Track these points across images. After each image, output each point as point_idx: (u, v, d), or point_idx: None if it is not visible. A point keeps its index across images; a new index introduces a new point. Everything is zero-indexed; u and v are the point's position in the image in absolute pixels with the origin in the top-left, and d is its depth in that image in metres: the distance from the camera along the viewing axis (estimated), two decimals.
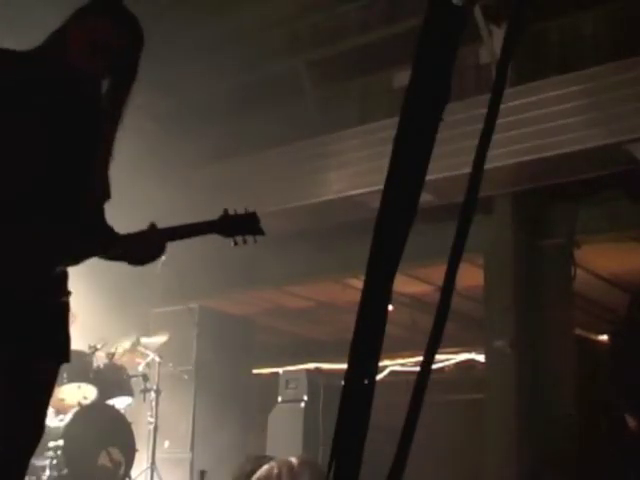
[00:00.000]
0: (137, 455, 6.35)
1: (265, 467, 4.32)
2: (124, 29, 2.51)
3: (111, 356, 6.57)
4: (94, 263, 2.48)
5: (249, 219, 2.64)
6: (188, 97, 8.20)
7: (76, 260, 2.41)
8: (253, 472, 4.33)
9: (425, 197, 6.41)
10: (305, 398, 7.49)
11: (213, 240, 2.67)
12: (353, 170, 7.55)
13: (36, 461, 5.94)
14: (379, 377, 1.82)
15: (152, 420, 6.89)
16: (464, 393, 9.83)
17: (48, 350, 2.38)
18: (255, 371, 9.86)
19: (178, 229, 2.51)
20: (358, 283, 7.72)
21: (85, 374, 6.13)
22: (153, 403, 6.91)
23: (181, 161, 8.21)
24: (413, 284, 8.51)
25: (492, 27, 7.11)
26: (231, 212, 2.64)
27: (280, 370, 8.19)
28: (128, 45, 2.51)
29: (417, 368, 1.72)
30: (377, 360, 1.73)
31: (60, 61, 2.45)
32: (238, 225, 2.62)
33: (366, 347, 1.72)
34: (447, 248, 1.73)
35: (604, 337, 9.06)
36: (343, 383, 1.73)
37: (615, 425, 4.78)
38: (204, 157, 8.36)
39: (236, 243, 2.61)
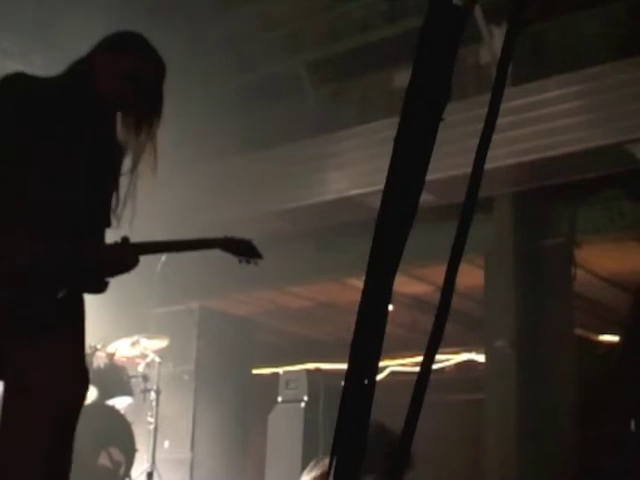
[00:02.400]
0: (137, 455, 6.35)
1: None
2: (151, 61, 2.57)
3: (111, 356, 6.57)
4: None
5: (249, 244, 2.88)
6: (187, 97, 8.19)
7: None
8: None
9: (425, 197, 6.39)
10: (305, 398, 7.49)
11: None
12: (353, 170, 7.54)
13: None
14: (379, 377, 1.82)
15: (152, 420, 6.89)
16: (464, 393, 9.84)
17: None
18: (255, 371, 9.86)
19: (150, 245, 2.64)
20: (358, 283, 7.72)
21: None
22: (153, 403, 6.92)
23: (181, 161, 8.20)
24: (413, 284, 8.51)
25: (492, 27, 7.11)
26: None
27: (280, 370, 8.20)
28: (155, 77, 2.57)
29: (417, 368, 1.72)
30: (377, 360, 1.73)
31: (88, 90, 2.48)
32: (242, 247, 2.85)
33: (366, 347, 1.72)
34: (447, 248, 1.73)
35: (604, 337, 9.07)
36: (343, 383, 1.73)
37: (627, 426, 4.78)
38: (204, 157, 8.36)
39: (241, 262, 2.88)
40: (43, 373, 2.36)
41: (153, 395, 6.90)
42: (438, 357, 1.80)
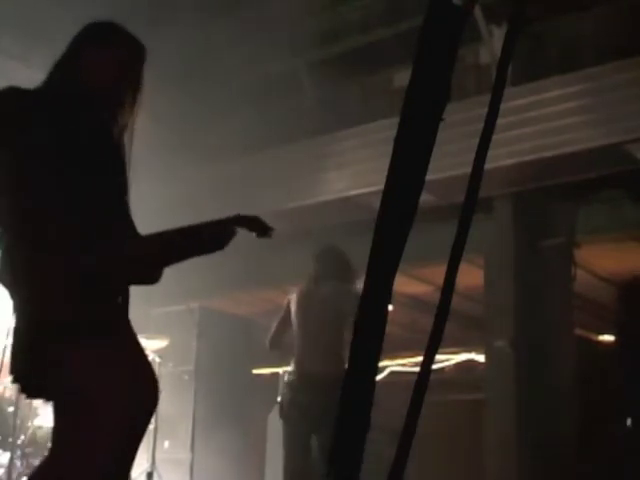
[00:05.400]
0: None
1: None
2: (136, 47, 2.54)
3: None
4: None
5: (258, 219, 2.72)
6: (187, 97, 8.19)
7: None
8: None
9: (425, 197, 6.39)
10: None
11: None
12: (353, 170, 7.54)
13: (36, 461, 5.93)
14: (379, 377, 1.82)
15: (152, 420, 6.88)
16: (464, 393, 9.83)
17: None
18: (255, 371, 9.85)
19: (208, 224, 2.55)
20: (358, 283, 7.71)
21: None
22: None
23: (180, 161, 8.20)
24: (413, 284, 8.50)
25: (492, 27, 7.11)
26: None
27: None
28: (141, 62, 2.54)
29: (417, 368, 1.72)
30: (377, 360, 1.73)
31: (82, 90, 2.44)
32: (255, 223, 2.65)
33: (366, 347, 1.72)
34: (447, 248, 1.73)
35: (604, 337, 9.07)
36: (343, 383, 1.73)
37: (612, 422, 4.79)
38: (204, 157, 8.36)
39: (258, 236, 2.65)
40: (108, 387, 2.21)
41: None
42: (438, 357, 1.80)
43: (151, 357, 6.96)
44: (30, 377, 2.28)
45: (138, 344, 2.42)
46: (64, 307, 2.23)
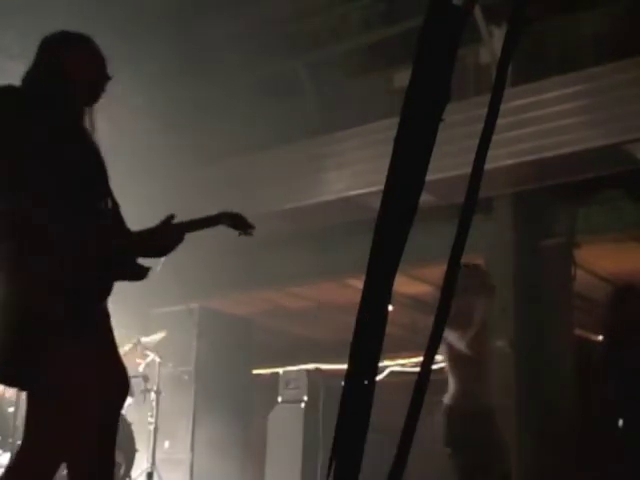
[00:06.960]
0: (137, 455, 6.35)
1: None
2: (95, 46, 2.65)
3: None
4: None
5: (241, 217, 2.88)
6: (187, 97, 8.19)
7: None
8: None
9: (425, 197, 6.39)
10: (305, 398, 7.50)
11: (213, 240, 2.72)
12: (353, 170, 7.54)
13: None
14: (379, 377, 1.82)
15: (152, 420, 6.89)
16: None
17: None
18: (255, 371, 9.85)
19: (192, 223, 2.70)
20: (358, 283, 7.72)
21: None
22: (153, 403, 6.92)
23: (180, 161, 8.20)
24: (413, 284, 8.50)
25: (492, 27, 7.11)
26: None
27: (280, 370, 8.19)
28: (102, 56, 2.63)
29: (417, 368, 1.72)
30: (377, 360, 1.73)
31: (66, 92, 2.48)
32: (238, 220, 2.85)
33: (366, 347, 1.72)
34: (447, 248, 1.73)
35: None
36: (343, 383, 1.73)
37: (611, 422, 4.80)
38: (204, 157, 8.36)
39: (240, 234, 2.86)
40: (84, 375, 2.34)
41: (153, 395, 6.90)
42: (438, 357, 1.80)
43: (151, 357, 6.96)
44: (11, 365, 2.34)
45: (113, 342, 2.49)
46: (50, 305, 2.28)
